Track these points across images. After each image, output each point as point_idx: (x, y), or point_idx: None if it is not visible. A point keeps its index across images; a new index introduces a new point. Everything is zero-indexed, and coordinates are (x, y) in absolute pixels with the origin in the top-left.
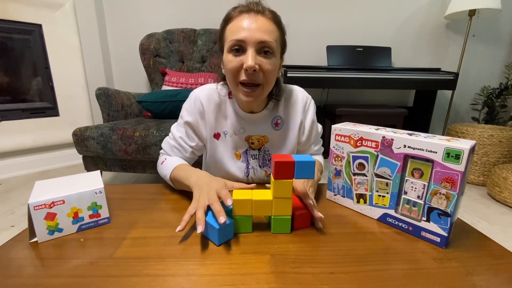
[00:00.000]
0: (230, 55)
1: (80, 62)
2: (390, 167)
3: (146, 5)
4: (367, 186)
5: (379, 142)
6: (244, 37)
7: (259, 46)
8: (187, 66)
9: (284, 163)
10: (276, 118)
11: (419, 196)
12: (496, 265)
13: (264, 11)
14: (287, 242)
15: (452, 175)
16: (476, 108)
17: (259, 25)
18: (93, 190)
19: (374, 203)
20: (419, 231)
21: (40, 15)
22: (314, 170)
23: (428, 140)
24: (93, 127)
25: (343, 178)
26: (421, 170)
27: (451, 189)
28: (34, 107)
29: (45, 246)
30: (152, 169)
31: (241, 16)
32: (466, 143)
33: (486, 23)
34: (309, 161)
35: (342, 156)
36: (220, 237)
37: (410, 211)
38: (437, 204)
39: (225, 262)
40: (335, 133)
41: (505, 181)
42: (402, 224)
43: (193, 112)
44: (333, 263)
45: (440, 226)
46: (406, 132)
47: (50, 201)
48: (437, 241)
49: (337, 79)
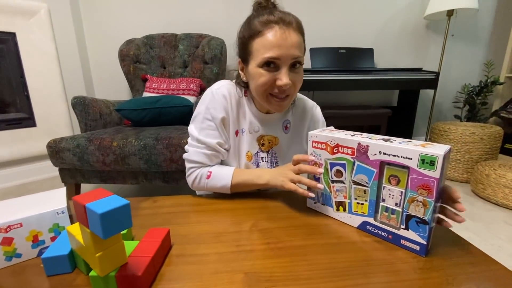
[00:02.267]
0: (262, 69)
1: (57, 70)
2: (367, 174)
3: (125, 10)
4: (346, 193)
5: (355, 148)
6: (279, 55)
7: (293, 62)
8: (168, 71)
9: (77, 204)
10: (286, 122)
11: (397, 203)
12: (477, 273)
13: (292, 23)
14: (264, 257)
15: (428, 182)
16: (458, 106)
17: (292, 42)
18: (54, 210)
19: (354, 211)
20: (399, 239)
21: (13, 23)
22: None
23: (403, 146)
24: (69, 138)
25: (323, 186)
26: (398, 177)
27: (428, 196)
28: (9, 118)
29: (2, 273)
30: (133, 180)
31: (272, 30)
32: (441, 149)
33: (464, 23)
34: (106, 211)
35: (320, 163)
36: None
37: (389, 219)
38: (415, 212)
39: (195, 284)
40: (312, 139)
41: (488, 178)
42: (382, 232)
43: (220, 107)
44: (311, 279)
45: (419, 234)
46: (381, 137)
47: (6, 225)
48: (417, 250)
49: (321, 82)
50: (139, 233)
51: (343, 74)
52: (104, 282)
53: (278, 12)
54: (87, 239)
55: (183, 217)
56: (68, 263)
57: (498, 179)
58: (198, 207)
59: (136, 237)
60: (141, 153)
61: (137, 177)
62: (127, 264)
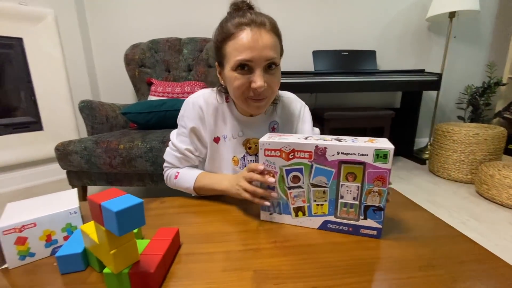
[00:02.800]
0: (236, 73)
1: (64, 74)
2: (326, 175)
3: (130, 15)
4: (304, 197)
5: (313, 152)
6: (251, 57)
7: (267, 64)
8: (173, 75)
9: (93, 203)
10: (273, 123)
11: (355, 197)
12: (482, 271)
13: (265, 23)
14: (271, 256)
15: (382, 174)
16: (461, 107)
17: (264, 43)
18: (67, 210)
19: (314, 213)
20: (358, 229)
21: (21, 29)
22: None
23: (357, 144)
24: (76, 141)
25: (278, 195)
26: (354, 173)
27: (382, 186)
28: (16, 122)
29: (16, 272)
30: (139, 182)
31: (243, 32)
32: (387, 142)
33: (466, 24)
34: (123, 209)
35: (274, 172)
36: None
37: (348, 213)
38: (372, 202)
39: (204, 282)
40: (264, 147)
41: (492, 178)
42: (342, 227)
43: (194, 117)
44: (318, 276)
45: (376, 221)
46: (334, 137)
47: (20, 224)
48: (374, 234)
49: (325, 84)
50: (148, 233)
51: (346, 76)
52: (118, 279)
53: (250, 14)
54: (102, 237)
55: (191, 217)
56: (82, 261)
57: (503, 179)
58: (204, 208)
59: (145, 237)
60: (147, 155)
61: (143, 179)
62: (140, 262)
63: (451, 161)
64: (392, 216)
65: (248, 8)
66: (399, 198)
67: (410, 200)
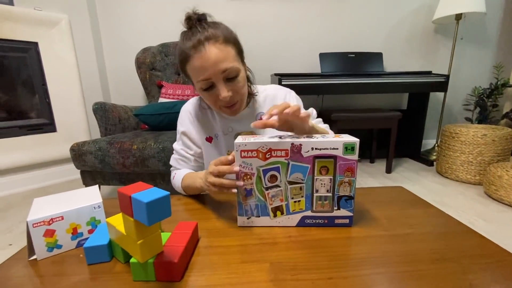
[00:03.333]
0: (204, 92)
1: (77, 77)
2: (302, 171)
3: (141, 20)
4: (282, 196)
5: (289, 149)
6: (208, 75)
7: (224, 75)
8: (183, 78)
9: (122, 195)
10: (260, 114)
11: (328, 190)
12: (491, 264)
13: (211, 37)
14: (287, 249)
15: (351, 164)
16: (469, 109)
17: (215, 57)
18: (91, 205)
19: (292, 211)
20: (333, 220)
21: (36, 33)
22: (166, 208)
23: (328, 139)
24: (91, 142)
25: (255, 197)
26: (327, 167)
27: (351, 176)
28: (31, 124)
29: (44, 263)
30: (151, 181)
31: (195, 54)
32: (352, 137)
33: (473, 26)
34: (154, 200)
35: (251, 173)
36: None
37: (323, 206)
38: (344, 192)
39: (224, 272)
40: (241, 149)
41: (500, 179)
42: (318, 220)
43: (184, 122)
44: (332, 268)
45: (348, 209)
46: (303, 135)
47: (48, 218)
48: (347, 223)
49: (331, 85)
50: (167, 227)
51: (352, 78)
52: (143, 268)
53: (199, 31)
54: (130, 227)
55: (207, 213)
56: (107, 252)
57: (511, 180)
58: (219, 204)
59: (165, 230)
60: (160, 155)
61: (155, 179)
62: (163, 252)
63: (459, 162)
64: (402, 213)
65: (198, 21)
66: (409, 196)
67: (419, 198)
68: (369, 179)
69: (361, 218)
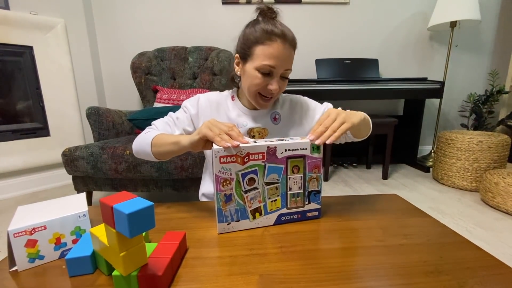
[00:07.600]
0: (258, 73)
1: (72, 82)
2: (277, 172)
3: (137, 25)
4: (260, 197)
5: (265, 152)
6: (275, 65)
7: (283, 73)
8: (178, 83)
9: (104, 205)
10: (274, 114)
11: (300, 187)
12: (488, 276)
13: (289, 39)
14: (277, 260)
15: (317, 162)
16: (465, 115)
17: (288, 56)
18: (76, 214)
19: (269, 210)
20: (305, 214)
21: (31, 37)
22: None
23: (298, 141)
24: (83, 147)
25: (235, 202)
26: (298, 166)
27: (318, 172)
28: (24, 128)
29: (25, 274)
30: (143, 187)
31: (275, 43)
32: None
33: (467, 33)
34: (134, 211)
35: (230, 178)
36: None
37: (296, 202)
38: (313, 187)
39: (212, 285)
40: (220, 155)
41: (497, 186)
42: (293, 216)
43: (194, 105)
44: (323, 281)
45: (316, 202)
46: (274, 139)
47: (30, 227)
48: (316, 215)
49: (328, 91)
50: (155, 237)
51: (348, 84)
52: (126, 282)
53: (281, 26)
54: (112, 239)
55: (197, 222)
56: (90, 264)
57: (507, 187)
58: (210, 213)
59: (152, 240)
60: (152, 161)
61: (148, 185)
62: (148, 265)
63: (455, 168)
64: (397, 222)
65: (274, 17)
66: (403, 204)
67: (414, 207)
68: (365, 185)
69: (355, 227)
